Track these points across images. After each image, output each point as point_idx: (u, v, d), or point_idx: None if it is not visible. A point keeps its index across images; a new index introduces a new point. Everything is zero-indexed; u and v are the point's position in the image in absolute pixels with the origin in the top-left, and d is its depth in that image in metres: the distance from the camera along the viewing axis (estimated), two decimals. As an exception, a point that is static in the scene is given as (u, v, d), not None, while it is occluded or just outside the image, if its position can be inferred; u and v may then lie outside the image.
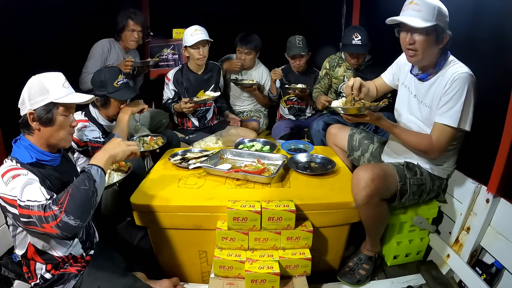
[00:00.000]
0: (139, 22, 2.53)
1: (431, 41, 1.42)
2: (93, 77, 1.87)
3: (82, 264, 1.30)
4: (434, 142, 1.48)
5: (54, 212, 1.02)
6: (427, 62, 1.51)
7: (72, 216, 1.02)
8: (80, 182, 1.09)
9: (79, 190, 1.07)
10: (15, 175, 1.10)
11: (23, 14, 2.06)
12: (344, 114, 1.54)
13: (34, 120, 1.19)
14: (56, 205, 1.03)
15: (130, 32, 2.52)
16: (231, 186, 1.64)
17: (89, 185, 1.09)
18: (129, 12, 2.50)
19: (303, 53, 2.63)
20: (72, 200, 1.04)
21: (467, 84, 1.41)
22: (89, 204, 1.08)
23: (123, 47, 2.61)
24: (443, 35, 1.42)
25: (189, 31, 2.44)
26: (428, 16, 1.37)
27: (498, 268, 1.46)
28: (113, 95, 1.80)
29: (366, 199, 1.45)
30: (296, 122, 2.89)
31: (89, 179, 1.10)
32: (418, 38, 1.42)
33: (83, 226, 1.07)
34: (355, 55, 2.33)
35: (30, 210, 1.04)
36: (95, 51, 2.46)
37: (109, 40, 2.53)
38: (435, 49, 1.46)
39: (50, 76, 1.23)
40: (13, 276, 1.38)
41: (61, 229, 1.02)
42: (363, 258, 1.66)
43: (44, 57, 2.16)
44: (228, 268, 1.39)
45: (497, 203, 1.49)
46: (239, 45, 2.80)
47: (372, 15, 2.75)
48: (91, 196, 1.09)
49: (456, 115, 1.43)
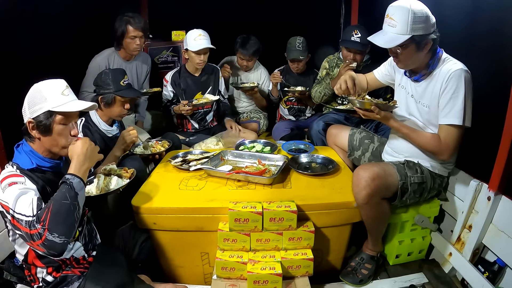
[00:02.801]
0: (140, 27, 2.33)
1: (412, 50, 1.44)
2: (97, 77, 1.87)
3: (85, 266, 1.30)
4: (442, 144, 1.48)
5: (38, 230, 1.00)
6: (415, 66, 1.53)
7: (56, 233, 1.00)
8: (61, 196, 1.06)
9: (60, 205, 1.04)
10: (11, 183, 1.09)
11: (23, 15, 2.07)
12: (358, 108, 1.57)
13: (33, 129, 1.18)
14: (39, 223, 1.01)
15: (131, 40, 2.33)
16: (232, 188, 1.64)
17: (70, 199, 1.06)
18: (128, 17, 2.32)
19: (301, 57, 2.63)
20: (54, 217, 1.02)
21: (463, 81, 1.41)
22: (72, 218, 1.06)
23: (123, 56, 2.45)
24: (424, 41, 1.42)
25: (192, 34, 2.42)
26: (402, 30, 1.38)
27: (500, 266, 1.46)
28: (119, 93, 1.82)
29: (367, 198, 1.45)
30: (296, 122, 2.89)
31: (70, 191, 1.08)
32: (398, 51, 1.45)
33: (69, 241, 1.05)
34: (352, 51, 2.33)
35: (19, 224, 1.04)
36: (92, 69, 2.33)
37: (108, 55, 2.39)
38: (419, 55, 1.47)
39: (50, 83, 1.21)
40: (15, 279, 1.37)
41: (47, 248, 1.01)
42: (365, 257, 1.66)
43: (45, 59, 2.18)
44: (230, 269, 1.39)
45: (499, 200, 1.49)
46: (240, 51, 2.77)
47: (370, 15, 2.75)
48: (73, 210, 1.06)
49: (459, 113, 1.43)
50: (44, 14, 2.16)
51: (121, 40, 2.36)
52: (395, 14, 1.39)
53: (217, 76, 2.70)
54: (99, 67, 2.31)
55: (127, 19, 2.32)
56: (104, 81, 1.83)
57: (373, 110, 1.49)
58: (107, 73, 1.85)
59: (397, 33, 1.40)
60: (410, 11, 1.36)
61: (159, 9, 3.07)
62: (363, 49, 2.31)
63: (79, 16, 2.44)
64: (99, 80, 1.85)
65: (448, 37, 1.50)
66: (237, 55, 2.85)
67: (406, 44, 1.41)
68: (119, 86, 1.83)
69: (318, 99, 2.54)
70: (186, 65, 2.61)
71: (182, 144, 2.45)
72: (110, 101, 1.82)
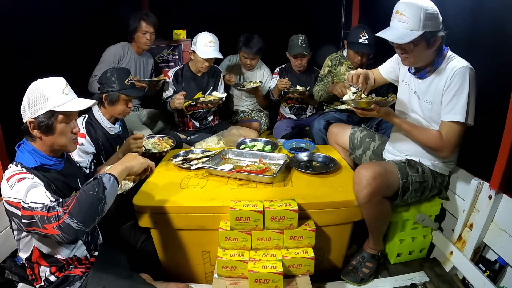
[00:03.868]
0: (151, 23, 2.52)
1: (422, 47, 1.43)
2: (102, 75, 1.88)
3: (87, 266, 1.30)
4: (444, 140, 1.48)
5: (58, 213, 1.01)
6: (423, 63, 1.51)
7: (75, 218, 1.01)
8: (89, 187, 1.07)
9: (87, 194, 1.05)
10: (20, 179, 1.10)
11: (24, 14, 2.07)
12: (355, 108, 1.55)
13: (34, 129, 1.18)
14: (62, 207, 1.02)
15: (142, 34, 2.52)
16: (233, 186, 1.64)
17: (98, 192, 1.07)
18: (141, 14, 2.52)
19: (305, 53, 2.63)
20: (77, 204, 1.03)
21: (467, 78, 1.40)
22: (95, 210, 1.06)
23: (135, 50, 2.61)
24: (434, 38, 1.42)
25: (203, 39, 2.40)
26: (414, 25, 1.37)
27: (501, 265, 1.46)
28: (124, 92, 1.83)
29: (368, 197, 1.45)
30: (297, 121, 2.89)
31: (99, 185, 1.08)
32: (408, 48, 1.43)
33: (85, 231, 1.05)
34: (360, 53, 2.33)
35: (33, 211, 1.03)
36: (106, 56, 2.47)
37: (122, 45, 2.54)
38: (428, 52, 1.46)
39: (50, 82, 1.20)
40: (16, 279, 1.38)
41: (62, 230, 1.00)
42: (366, 256, 1.66)
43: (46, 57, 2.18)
44: (231, 268, 1.40)
45: (500, 199, 1.49)
46: (243, 50, 2.74)
47: (371, 13, 2.75)
48: (99, 202, 1.06)
49: (462, 110, 1.42)
50: (45, 13, 2.16)
51: (133, 34, 2.54)
52: (406, 10, 1.38)
53: (218, 78, 2.70)
54: (113, 55, 2.48)
55: (141, 15, 2.51)
56: (109, 79, 1.83)
57: (374, 108, 1.48)
58: (112, 71, 1.86)
59: (408, 29, 1.38)
60: (422, 7, 1.36)
61: (160, 8, 3.06)
62: (371, 51, 2.31)
63: (79, 15, 2.45)
64: (104, 78, 1.85)
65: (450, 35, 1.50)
66: (240, 54, 2.83)
67: (418, 40, 1.39)
68: (124, 85, 1.84)
69: (317, 98, 2.58)
70: (190, 64, 2.61)
71: (183, 143, 2.46)
72: (114, 100, 1.82)
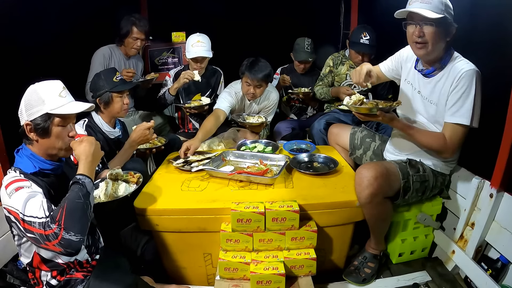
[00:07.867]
0: (143, 30, 2.46)
1: (441, 33, 1.41)
2: (92, 82, 1.88)
3: (88, 269, 1.30)
4: (448, 142, 1.48)
5: (54, 230, 1.01)
6: (435, 55, 1.49)
7: (72, 231, 1.01)
8: (74, 195, 1.07)
9: (74, 204, 1.05)
10: (18, 188, 1.09)
11: (23, 17, 2.07)
12: (356, 113, 1.55)
13: (31, 131, 1.17)
14: (54, 223, 1.02)
15: (133, 40, 2.47)
16: (234, 188, 1.64)
17: (83, 198, 1.07)
18: (134, 19, 2.44)
19: (310, 59, 2.65)
20: (69, 216, 1.02)
21: (474, 81, 1.40)
22: (86, 217, 1.07)
23: (124, 52, 2.56)
24: (451, 28, 1.42)
25: (190, 40, 2.40)
26: (438, 8, 1.36)
27: (503, 263, 1.46)
28: (114, 89, 1.83)
29: (369, 197, 1.45)
30: (297, 122, 2.90)
31: (83, 191, 1.08)
32: (428, 30, 1.40)
33: (84, 239, 1.06)
34: (361, 53, 2.35)
35: (32, 227, 1.04)
36: (96, 60, 2.42)
37: (110, 47, 2.49)
38: (443, 42, 1.45)
39: (47, 85, 1.20)
40: (18, 283, 1.37)
41: (63, 247, 1.01)
42: (368, 256, 1.66)
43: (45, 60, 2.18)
44: (233, 270, 1.39)
45: (501, 198, 1.49)
46: (246, 74, 2.27)
47: (370, 13, 2.76)
48: (86, 208, 1.07)
49: (468, 113, 1.42)
50: (44, 15, 2.16)
51: (123, 38, 2.49)
52: None
53: (218, 80, 2.69)
54: (103, 56, 2.43)
55: (134, 20, 2.44)
56: (97, 83, 1.84)
57: (379, 115, 1.47)
58: (99, 75, 1.87)
59: (432, 9, 1.36)
60: None
61: (159, 10, 3.07)
62: (372, 51, 2.32)
63: (79, 16, 2.45)
64: (92, 85, 1.87)
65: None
66: (242, 80, 2.36)
67: (439, 23, 1.37)
68: (113, 83, 1.84)
69: (319, 97, 2.62)
70: (190, 66, 2.61)
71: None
72: (108, 100, 1.82)
